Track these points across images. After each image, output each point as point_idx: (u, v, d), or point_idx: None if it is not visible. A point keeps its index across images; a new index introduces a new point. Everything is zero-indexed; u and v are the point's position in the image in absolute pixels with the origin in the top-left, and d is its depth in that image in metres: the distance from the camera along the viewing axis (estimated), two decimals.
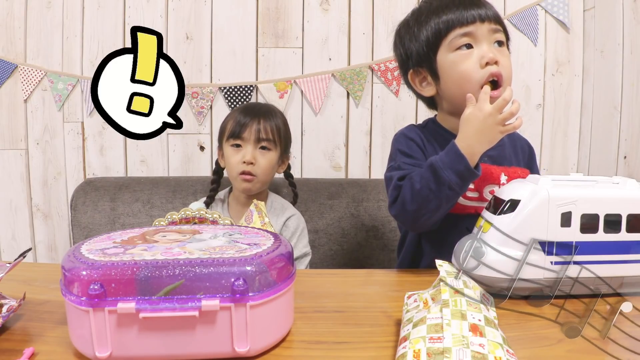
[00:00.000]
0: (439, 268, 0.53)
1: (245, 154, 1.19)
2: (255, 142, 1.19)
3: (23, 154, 1.61)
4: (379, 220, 1.44)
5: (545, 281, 0.64)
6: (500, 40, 0.85)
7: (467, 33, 0.84)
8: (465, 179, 0.78)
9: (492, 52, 0.83)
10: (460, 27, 0.84)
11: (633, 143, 1.39)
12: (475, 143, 0.77)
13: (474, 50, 0.84)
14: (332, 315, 0.61)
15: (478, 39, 0.84)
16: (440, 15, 0.86)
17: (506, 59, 0.85)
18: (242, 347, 0.48)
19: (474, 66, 0.83)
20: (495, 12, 0.86)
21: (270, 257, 0.50)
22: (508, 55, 0.87)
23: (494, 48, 0.84)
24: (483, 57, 0.82)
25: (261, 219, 0.93)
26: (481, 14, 0.84)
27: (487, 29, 0.84)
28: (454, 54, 0.85)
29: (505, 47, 0.87)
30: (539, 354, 0.51)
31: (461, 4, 0.85)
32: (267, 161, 1.21)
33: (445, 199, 0.80)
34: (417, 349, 0.44)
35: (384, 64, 1.58)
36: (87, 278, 0.46)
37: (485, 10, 0.84)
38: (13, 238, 1.64)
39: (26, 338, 0.54)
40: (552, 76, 1.61)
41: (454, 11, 0.85)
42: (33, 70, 1.56)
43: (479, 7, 0.85)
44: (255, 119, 1.20)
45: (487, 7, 0.86)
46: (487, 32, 0.84)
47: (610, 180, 0.68)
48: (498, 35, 0.85)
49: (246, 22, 1.58)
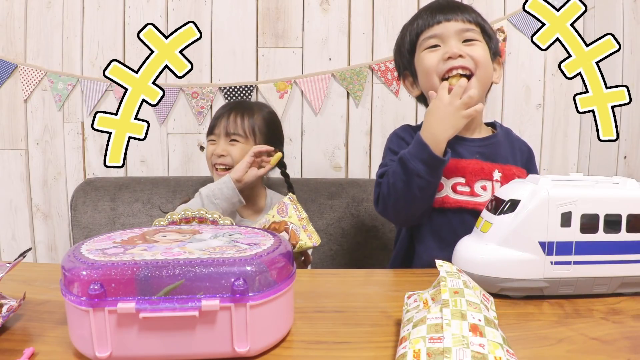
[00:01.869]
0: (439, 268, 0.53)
1: (217, 147, 1.24)
2: (225, 136, 1.24)
3: (23, 154, 1.61)
4: (379, 220, 1.44)
5: (545, 281, 0.64)
6: (469, 38, 0.91)
7: (433, 35, 0.93)
8: (432, 167, 0.83)
9: (457, 47, 0.89)
10: (427, 29, 0.94)
11: (633, 143, 1.39)
12: (439, 131, 0.84)
13: (441, 48, 0.92)
14: (332, 315, 0.61)
15: (444, 38, 0.92)
16: (414, 23, 0.98)
17: (478, 51, 0.90)
18: (242, 347, 0.48)
19: (437, 61, 0.91)
20: (468, 13, 0.93)
21: (270, 257, 0.50)
22: (481, 47, 0.92)
23: (461, 44, 0.91)
24: (446, 52, 0.90)
25: (298, 213, 0.93)
26: (448, 16, 0.92)
27: (453, 28, 0.91)
28: (423, 53, 0.94)
29: (478, 42, 0.92)
30: (539, 354, 0.51)
31: (431, 10, 0.95)
32: (239, 150, 1.23)
33: (418, 189, 0.84)
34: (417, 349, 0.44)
35: (384, 64, 1.58)
36: (87, 278, 0.46)
37: (454, 13, 0.92)
38: (13, 238, 1.64)
39: (26, 338, 0.54)
40: (552, 76, 1.61)
41: (423, 17, 0.95)
42: (33, 70, 1.56)
43: (447, 11, 0.93)
44: (225, 114, 1.25)
45: (457, 9, 0.94)
46: (454, 31, 0.91)
47: (610, 180, 0.68)
48: (468, 33, 0.91)
49: (246, 22, 1.58)
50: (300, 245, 0.92)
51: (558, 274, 0.64)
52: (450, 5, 0.95)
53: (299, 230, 0.93)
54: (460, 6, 0.95)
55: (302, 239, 0.92)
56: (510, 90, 1.62)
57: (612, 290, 0.66)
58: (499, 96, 1.62)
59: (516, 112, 1.62)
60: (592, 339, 0.54)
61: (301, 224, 0.94)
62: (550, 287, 0.65)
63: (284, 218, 0.95)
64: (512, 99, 1.62)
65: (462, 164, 0.92)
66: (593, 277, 0.65)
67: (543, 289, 0.65)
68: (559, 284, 0.65)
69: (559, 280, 0.64)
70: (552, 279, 0.64)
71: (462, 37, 0.91)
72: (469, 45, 0.91)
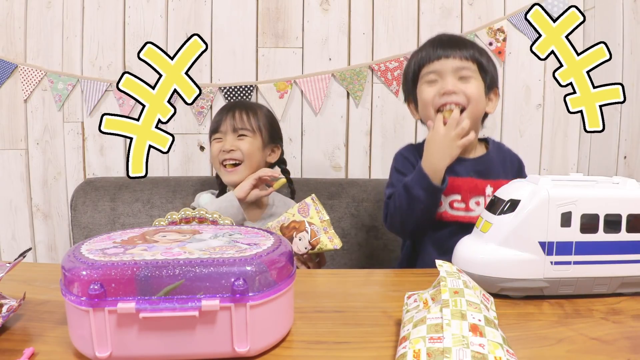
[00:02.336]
0: (439, 268, 0.53)
1: (225, 143, 1.23)
2: (233, 132, 1.23)
3: (23, 154, 1.61)
4: (379, 220, 1.44)
5: (545, 281, 0.64)
6: (464, 75, 0.99)
7: (432, 70, 1.01)
8: (432, 193, 0.95)
9: (452, 84, 0.98)
10: (428, 64, 1.01)
11: (633, 143, 1.39)
12: (437, 161, 0.94)
13: (438, 83, 1.00)
14: (332, 315, 0.61)
15: (442, 74, 1.00)
16: (418, 54, 1.05)
17: (471, 88, 0.99)
18: (242, 347, 0.48)
19: (433, 95, 1.00)
20: (466, 49, 1.00)
21: (270, 257, 0.50)
22: (475, 85, 1.00)
23: (457, 81, 0.99)
24: (442, 88, 0.98)
25: (320, 215, 0.94)
26: (448, 53, 1.00)
27: (450, 65, 0.99)
28: (423, 86, 1.03)
29: (473, 79, 1.00)
30: (539, 354, 0.51)
31: (434, 45, 1.02)
32: (248, 144, 1.23)
33: (420, 211, 0.96)
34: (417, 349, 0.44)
35: (384, 64, 1.58)
36: (87, 278, 0.46)
37: (452, 50, 1.00)
38: (13, 238, 1.64)
39: (26, 338, 0.54)
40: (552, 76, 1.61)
41: (427, 50, 1.03)
42: (33, 70, 1.56)
43: (450, 47, 1.00)
44: (230, 112, 1.25)
45: (461, 46, 1.01)
46: (451, 69, 0.99)
47: (610, 180, 0.68)
48: (464, 71, 0.99)
49: (246, 22, 1.58)
50: (321, 247, 0.93)
51: (558, 274, 0.64)
52: (451, 42, 1.02)
53: (320, 232, 0.94)
54: (460, 42, 1.02)
55: (322, 240, 0.93)
56: (510, 90, 1.61)
57: (612, 290, 0.66)
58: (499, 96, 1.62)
59: (516, 112, 1.62)
60: (592, 339, 0.54)
61: (322, 225, 0.95)
62: (550, 287, 0.65)
63: (305, 218, 0.95)
64: (512, 99, 1.62)
65: (458, 183, 1.00)
66: (593, 277, 0.65)
67: (543, 289, 0.65)
68: (559, 284, 0.65)
69: (559, 280, 0.64)
70: (552, 279, 0.64)
71: (458, 74, 0.99)
72: (463, 81, 0.99)
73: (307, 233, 0.93)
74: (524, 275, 0.64)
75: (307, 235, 0.93)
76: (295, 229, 0.94)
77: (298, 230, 0.94)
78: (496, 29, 1.58)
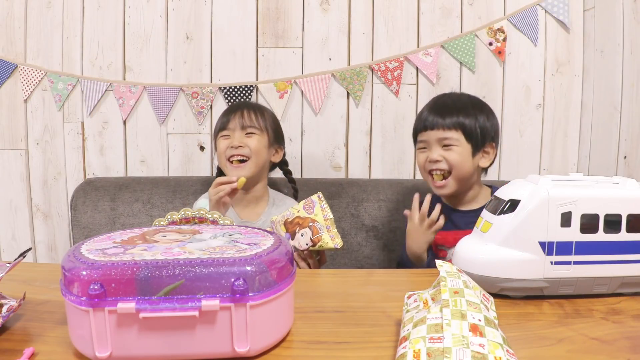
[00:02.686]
0: (439, 268, 0.53)
1: (233, 140, 1.25)
2: (241, 130, 1.25)
3: (23, 154, 1.61)
4: (379, 220, 1.44)
5: (545, 281, 0.64)
6: (447, 144, 1.12)
7: (422, 139, 1.16)
8: (420, 266, 1.13)
9: (437, 153, 1.12)
10: (420, 133, 1.16)
11: (633, 143, 1.39)
12: (416, 248, 1.12)
13: (426, 151, 1.15)
14: (332, 315, 0.61)
15: (429, 143, 1.15)
16: (417, 119, 1.20)
17: (455, 156, 1.11)
18: (242, 347, 0.48)
19: (424, 161, 1.15)
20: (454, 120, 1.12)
21: (270, 257, 0.50)
22: (460, 152, 1.12)
23: (440, 150, 1.12)
24: (427, 157, 1.14)
25: (324, 213, 0.94)
26: (435, 123, 1.12)
27: (435, 136, 1.13)
28: (417, 150, 1.20)
29: (456, 147, 1.12)
30: (539, 354, 0.51)
31: (429, 112, 1.15)
32: (256, 141, 1.25)
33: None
34: (417, 349, 0.44)
35: (384, 64, 1.58)
36: (87, 278, 0.46)
37: (443, 119, 1.12)
38: (13, 238, 1.64)
39: (26, 338, 0.54)
40: (552, 76, 1.61)
41: (421, 118, 1.17)
42: (33, 70, 1.56)
43: (441, 115, 1.13)
44: (238, 111, 1.28)
45: (451, 113, 1.12)
46: (435, 139, 1.13)
47: (610, 180, 0.68)
48: (447, 140, 1.12)
49: (246, 22, 1.58)
50: (322, 245, 0.93)
51: (558, 274, 0.64)
52: (440, 110, 1.14)
53: (322, 230, 0.94)
54: (445, 111, 1.13)
55: (324, 238, 0.93)
56: (510, 90, 1.61)
57: (612, 290, 0.66)
58: (499, 96, 1.62)
59: (516, 112, 1.62)
60: (592, 339, 0.54)
61: (326, 224, 0.95)
62: (550, 287, 0.65)
63: (309, 215, 0.95)
64: (512, 99, 1.62)
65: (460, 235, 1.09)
66: (593, 277, 0.65)
67: (543, 289, 0.65)
68: (559, 284, 0.65)
69: (559, 280, 0.64)
70: (552, 279, 0.64)
71: (442, 143, 1.12)
72: (446, 150, 1.12)
73: (309, 230, 0.93)
74: (524, 275, 0.64)
75: (310, 232, 0.93)
76: (299, 224, 0.95)
77: (301, 226, 0.94)
78: (496, 29, 1.58)
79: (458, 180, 1.13)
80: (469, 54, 1.58)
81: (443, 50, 1.59)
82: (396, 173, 1.63)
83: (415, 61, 1.58)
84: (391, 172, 1.63)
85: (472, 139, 1.12)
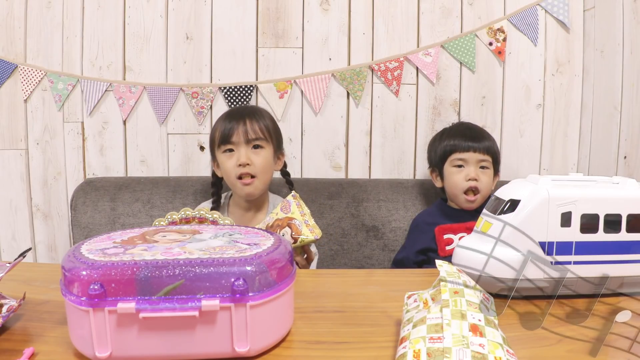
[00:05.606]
0: (439, 268, 0.53)
1: (240, 156, 1.19)
2: (247, 143, 1.20)
3: (23, 154, 1.61)
4: (379, 220, 1.44)
5: (545, 281, 0.64)
6: (483, 166, 1.29)
7: (461, 158, 1.30)
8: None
9: (475, 173, 1.27)
10: (459, 152, 1.29)
11: (633, 143, 1.39)
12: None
13: (464, 169, 1.29)
14: (332, 315, 0.61)
15: (468, 162, 1.29)
16: (450, 139, 1.32)
17: (486, 177, 1.29)
18: (242, 347, 0.48)
19: (461, 180, 1.28)
20: (486, 145, 1.30)
21: (270, 257, 0.50)
22: (489, 174, 1.30)
23: (478, 170, 1.28)
24: (468, 175, 1.28)
25: (300, 209, 0.94)
26: (475, 146, 1.28)
27: (475, 158, 1.29)
28: (452, 169, 1.31)
29: (488, 170, 1.30)
30: (539, 354, 0.51)
31: (464, 136, 1.31)
32: (263, 159, 1.22)
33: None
34: (417, 349, 0.44)
35: (384, 64, 1.58)
36: (87, 278, 0.46)
37: (479, 144, 1.29)
38: (13, 238, 1.64)
39: (26, 338, 0.54)
40: (552, 76, 1.61)
41: (459, 139, 1.30)
42: (33, 70, 1.56)
43: (475, 140, 1.29)
44: (240, 120, 1.21)
45: (482, 139, 1.30)
46: (475, 160, 1.29)
47: (610, 180, 0.68)
48: (484, 163, 1.29)
49: (246, 22, 1.58)
50: (302, 239, 0.93)
51: (558, 274, 0.64)
52: (477, 136, 1.30)
53: (301, 225, 0.94)
54: (476, 136, 1.31)
55: (304, 232, 0.94)
56: (510, 90, 1.61)
57: (612, 290, 0.66)
58: (499, 96, 1.62)
59: (516, 112, 1.62)
60: (592, 339, 0.54)
61: (303, 219, 0.95)
62: (550, 287, 0.65)
63: (287, 215, 0.96)
64: (512, 99, 1.62)
65: (466, 225, 1.28)
66: (593, 277, 0.65)
67: (543, 289, 0.65)
68: (559, 284, 0.64)
69: (559, 281, 0.64)
70: (552, 279, 0.64)
71: (479, 164, 1.29)
72: (482, 171, 1.28)
73: (289, 228, 0.94)
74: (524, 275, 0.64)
75: (289, 230, 0.94)
76: (279, 226, 0.95)
77: (281, 228, 0.95)
78: (496, 29, 1.58)
79: (483, 198, 1.29)
80: (469, 54, 1.58)
81: (443, 50, 1.59)
82: (396, 173, 1.63)
83: (415, 61, 1.58)
84: (391, 172, 1.63)
85: (496, 164, 1.32)
